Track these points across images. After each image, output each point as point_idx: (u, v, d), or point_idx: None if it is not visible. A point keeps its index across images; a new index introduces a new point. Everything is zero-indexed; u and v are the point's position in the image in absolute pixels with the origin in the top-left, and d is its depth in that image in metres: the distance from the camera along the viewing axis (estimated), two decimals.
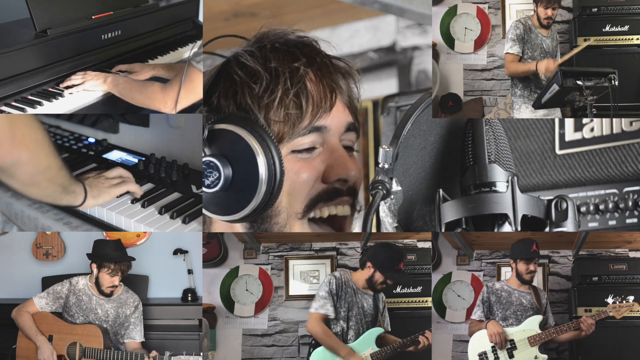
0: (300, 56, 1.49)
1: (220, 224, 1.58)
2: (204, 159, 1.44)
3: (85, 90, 2.28)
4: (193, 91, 2.06)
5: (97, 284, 2.44)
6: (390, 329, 2.53)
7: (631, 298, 2.52)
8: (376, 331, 2.44)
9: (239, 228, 1.54)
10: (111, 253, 2.43)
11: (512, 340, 2.51)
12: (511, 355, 2.50)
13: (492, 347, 2.51)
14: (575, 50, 2.51)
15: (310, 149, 1.49)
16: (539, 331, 2.51)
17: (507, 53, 2.63)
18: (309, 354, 2.45)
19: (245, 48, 1.52)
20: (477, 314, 2.62)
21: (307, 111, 1.47)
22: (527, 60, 2.61)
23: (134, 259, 2.50)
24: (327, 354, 2.41)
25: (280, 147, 1.43)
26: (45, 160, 1.83)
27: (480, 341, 2.54)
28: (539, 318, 2.54)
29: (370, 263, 2.49)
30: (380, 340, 2.43)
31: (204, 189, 1.45)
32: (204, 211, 1.50)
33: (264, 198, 1.41)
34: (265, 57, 1.49)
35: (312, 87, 1.48)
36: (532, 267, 2.60)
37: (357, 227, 1.56)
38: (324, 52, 1.55)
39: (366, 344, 2.43)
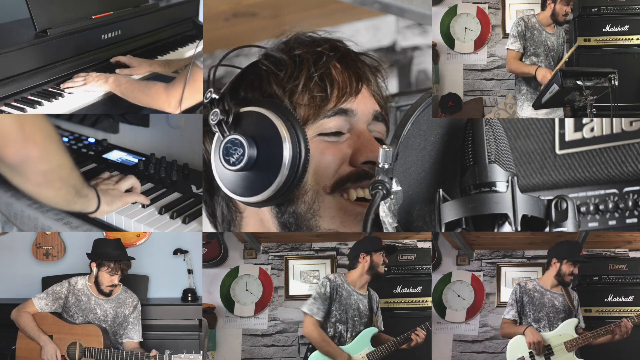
0: (323, 43, 1.53)
1: (250, 223, 1.57)
2: (227, 138, 1.43)
3: (86, 90, 2.28)
4: (197, 91, 2.06)
5: (97, 283, 2.44)
6: (383, 329, 2.54)
7: None
8: (370, 331, 2.45)
9: (267, 214, 1.53)
10: (111, 252, 2.43)
11: (549, 345, 2.47)
12: None
13: (530, 352, 2.49)
14: (564, 59, 2.52)
15: (337, 134, 1.50)
16: (576, 335, 2.47)
17: (508, 49, 2.65)
18: (306, 357, 2.45)
19: (273, 44, 1.56)
20: (510, 314, 2.58)
21: (332, 94, 1.48)
22: (530, 57, 2.62)
23: (133, 259, 2.50)
24: (324, 359, 2.42)
25: (305, 129, 1.44)
26: (56, 157, 1.77)
27: (518, 346, 2.51)
28: (574, 322, 2.49)
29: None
30: (374, 340, 2.44)
31: (227, 167, 1.43)
32: (223, 189, 1.47)
33: (289, 176, 1.41)
34: (290, 47, 1.53)
35: (336, 74, 1.51)
36: (575, 270, 2.56)
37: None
38: (349, 47, 1.59)
39: (362, 344, 2.43)
